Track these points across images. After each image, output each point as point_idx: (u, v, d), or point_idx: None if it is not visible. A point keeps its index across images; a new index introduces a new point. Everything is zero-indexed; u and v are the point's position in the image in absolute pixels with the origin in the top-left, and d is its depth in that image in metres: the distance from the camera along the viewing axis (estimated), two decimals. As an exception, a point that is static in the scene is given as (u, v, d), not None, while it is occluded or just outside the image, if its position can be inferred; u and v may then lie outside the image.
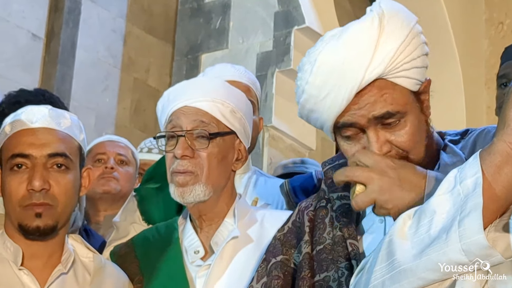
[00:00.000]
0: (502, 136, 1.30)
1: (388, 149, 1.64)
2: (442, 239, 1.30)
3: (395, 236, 1.39)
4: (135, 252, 2.19)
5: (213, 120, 2.08)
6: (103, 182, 3.38)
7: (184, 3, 5.76)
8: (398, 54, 1.62)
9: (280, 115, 5.10)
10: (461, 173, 1.35)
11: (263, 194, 2.69)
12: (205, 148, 2.05)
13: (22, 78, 4.57)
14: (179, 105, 2.08)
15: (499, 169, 1.30)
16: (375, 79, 1.62)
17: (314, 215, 1.80)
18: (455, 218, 1.30)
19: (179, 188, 2.06)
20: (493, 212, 1.31)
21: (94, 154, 3.47)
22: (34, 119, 1.97)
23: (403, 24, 1.65)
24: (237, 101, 2.15)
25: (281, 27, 5.22)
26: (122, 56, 5.36)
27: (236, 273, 2.03)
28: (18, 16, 4.70)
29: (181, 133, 2.06)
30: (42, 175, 1.92)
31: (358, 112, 1.64)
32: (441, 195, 1.36)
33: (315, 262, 1.72)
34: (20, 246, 1.94)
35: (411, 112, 1.66)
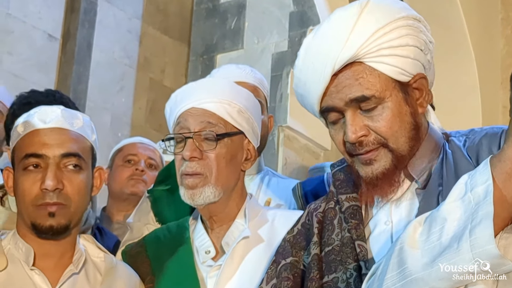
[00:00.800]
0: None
1: (364, 133, 1.67)
2: (453, 248, 1.30)
3: (406, 244, 1.39)
4: (146, 252, 2.19)
5: (221, 121, 2.08)
6: (133, 184, 3.39)
7: (200, 4, 5.77)
8: (374, 38, 1.66)
9: (295, 115, 5.10)
10: (472, 179, 1.34)
11: (276, 195, 2.69)
12: (213, 149, 2.06)
13: (38, 79, 4.60)
14: (187, 106, 2.09)
15: (510, 176, 1.30)
16: (353, 62, 1.67)
17: (323, 217, 1.81)
18: (466, 227, 1.30)
19: (189, 190, 2.06)
20: (504, 219, 1.31)
21: (125, 154, 3.48)
22: (47, 119, 1.98)
23: (384, 12, 1.69)
24: (244, 101, 2.14)
25: (296, 27, 5.22)
26: (137, 57, 5.39)
27: (247, 274, 2.03)
28: (35, 17, 4.72)
29: (189, 135, 2.06)
30: (55, 175, 1.93)
31: (336, 95, 1.68)
32: (452, 202, 1.35)
33: (323, 263, 1.73)
34: (32, 246, 1.95)
35: (391, 100, 1.68)
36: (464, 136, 1.78)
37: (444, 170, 1.71)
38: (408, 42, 1.69)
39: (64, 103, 2.40)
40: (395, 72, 1.69)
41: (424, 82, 1.74)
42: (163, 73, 5.59)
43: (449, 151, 1.73)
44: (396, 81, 1.69)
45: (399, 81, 1.70)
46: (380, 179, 1.69)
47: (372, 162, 1.69)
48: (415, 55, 1.71)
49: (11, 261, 1.93)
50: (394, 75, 1.69)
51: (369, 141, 1.68)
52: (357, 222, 1.72)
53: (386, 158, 1.69)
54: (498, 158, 1.32)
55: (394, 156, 1.69)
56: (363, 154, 1.69)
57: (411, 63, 1.70)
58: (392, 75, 1.68)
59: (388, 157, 1.69)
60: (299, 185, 2.48)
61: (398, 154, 1.68)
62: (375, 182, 1.70)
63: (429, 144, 1.75)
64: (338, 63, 1.67)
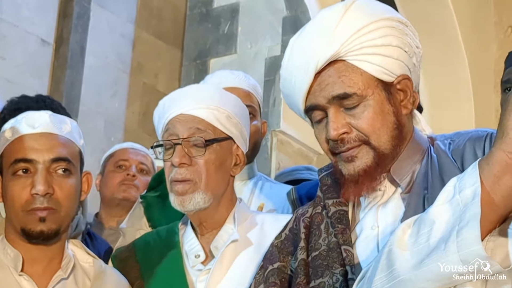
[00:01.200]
0: (501, 146, 1.30)
1: (346, 130, 1.69)
2: (441, 249, 1.31)
3: (394, 246, 1.39)
4: (136, 256, 2.19)
5: (209, 127, 2.08)
6: (124, 189, 3.39)
7: (193, 8, 5.78)
8: (357, 36, 1.68)
9: (288, 120, 5.11)
10: (460, 182, 1.35)
11: (269, 200, 2.69)
12: (202, 155, 2.06)
13: (31, 84, 4.60)
14: (175, 113, 2.08)
15: (497, 179, 1.30)
16: (335, 60, 1.68)
17: (310, 222, 1.81)
18: (454, 228, 1.30)
19: (178, 196, 2.06)
20: (492, 221, 1.31)
21: (116, 159, 3.49)
22: (35, 124, 1.98)
23: (369, 12, 1.71)
24: (232, 107, 2.14)
25: (289, 32, 5.23)
26: (131, 61, 5.39)
27: (236, 277, 2.03)
28: (28, 22, 4.72)
29: (178, 141, 2.06)
30: (46, 180, 1.93)
31: (319, 93, 1.70)
32: (441, 205, 1.36)
33: (310, 268, 1.73)
34: (20, 251, 1.95)
35: (374, 98, 1.69)
36: (448, 139, 1.79)
37: (429, 173, 1.71)
38: (392, 42, 1.71)
39: (54, 109, 2.40)
40: (378, 71, 1.70)
41: (408, 84, 1.75)
42: (157, 77, 5.59)
43: (434, 155, 1.74)
44: (379, 80, 1.71)
45: (382, 81, 1.71)
46: (362, 175, 1.70)
47: (354, 159, 1.70)
48: (398, 56, 1.72)
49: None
50: (377, 74, 1.70)
51: (351, 138, 1.69)
52: (343, 227, 1.72)
53: (368, 155, 1.70)
54: (486, 161, 1.33)
55: (376, 153, 1.70)
56: (345, 151, 1.70)
57: (394, 63, 1.72)
58: (375, 74, 1.70)
59: (369, 155, 1.70)
60: (294, 189, 2.49)
61: (380, 152, 1.69)
62: (357, 179, 1.70)
63: (413, 147, 1.76)
64: (321, 60, 1.69)
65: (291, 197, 2.45)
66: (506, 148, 1.29)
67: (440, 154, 1.74)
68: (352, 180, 1.71)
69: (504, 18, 6.78)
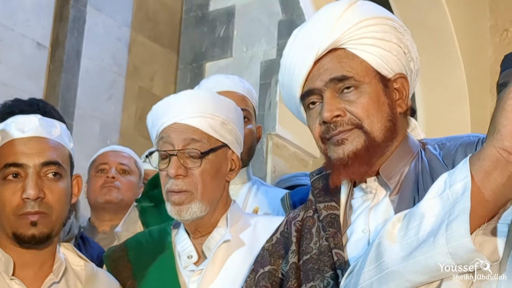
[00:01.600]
0: (492, 142, 1.31)
1: (340, 113, 1.71)
2: (430, 242, 1.31)
3: (384, 239, 1.41)
4: (128, 256, 2.19)
5: (204, 136, 2.07)
6: (105, 192, 3.40)
7: (189, 12, 5.78)
8: (358, 27, 1.73)
9: (284, 123, 5.11)
10: (451, 177, 1.36)
11: (264, 204, 2.70)
12: (198, 166, 2.05)
13: (27, 87, 4.60)
14: (169, 122, 2.08)
15: (488, 174, 1.31)
16: (336, 48, 1.73)
17: (302, 225, 1.82)
18: (443, 222, 1.31)
19: (175, 206, 2.06)
20: (481, 216, 1.32)
21: (97, 164, 3.49)
22: (25, 129, 1.98)
23: (372, 9, 1.78)
24: (226, 112, 2.14)
25: (285, 36, 5.23)
26: (127, 65, 5.39)
27: (229, 278, 2.04)
28: (24, 25, 4.72)
29: (173, 153, 2.06)
30: (36, 184, 1.92)
31: (317, 77, 1.73)
32: (431, 199, 1.37)
33: (301, 272, 1.73)
34: (12, 255, 1.94)
35: (370, 86, 1.73)
36: (440, 143, 1.80)
37: (420, 177, 1.72)
38: (392, 39, 1.76)
39: (47, 112, 2.40)
40: (377, 63, 1.74)
41: (405, 84, 1.79)
42: (152, 81, 5.59)
43: (425, 159, 1.75)
44: (377, 72, 1.75)
45: (380, 74, 1.75)
46: (351, 158, 1.71)
47: (344, 142, 1.71)
48: (397, 54, 1.76)
49: None
50: (376, 65, 1.74)
51: (344, 121, 1.71)
52: (335, 230, 1.73)
53: (359, 139, 1.71)
54: (477, 156, 1.33)
55: (368, 138, 1.71)
56: (336, 134, 1.72)
57: (393, 59, 1.76)
58: (374, 65, 1.74)
59: (361, 138, 1.71)
60: (288, 195, 2.49)
61: (371, 137, 1.71)
62: (346, 161, 1.71)
63: (404, 149, 1.77)
64: (322, 47, 1.73)
65: (285, 202, 2.45)
66: (497, 144, 1.30)
67: (432, 158, 1.75)
68: (341, 164, 1.72)
69: (500, 21, 6.79)
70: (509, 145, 1.28)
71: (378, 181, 1.77)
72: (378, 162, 1.75)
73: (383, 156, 1.75)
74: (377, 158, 1.73)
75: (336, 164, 1.73)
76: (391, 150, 1.75)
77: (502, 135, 1.29)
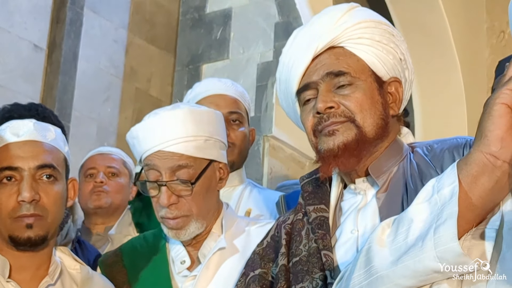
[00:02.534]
0: (479, 147, 1.32)
1: (333, 105, 1.74)
2: (418, 247, 1.32)
3: (373, 244, 1.41)
4: (123, 261, 2.20)
5: (190, 160, 2.06)
6: (94, 198, 3.39)
7: (186, 14, 5.79)
8: (358, 27, 1.78)
9: (281, 125, 5.12)
10: (439, 182, 1.37)
11: (257, 205, 2.70)
12: (190, 194, 2.05)
13: (24, 89, 4.60)
14: (153, 150, 2.06)
15: (475, 179, 1.31)
16: (334, 46, 1.78)
17: (291, 228, 1.83)
18: (431, 226, 1.32)
19: (173, 230, 2.08)
20: (469, 221, 1.33)
21: (85, 169, 3.47)
22: (20, 133, 1.99)
23: (373, 14, 1.83)
24: (208, 127, 2.11)
25: (282, 38, 5.24)
26: (124, 66, 5.39)
27: (222, 284, 2.05)
28: (20, 28, 4.72)
29: (162, 183, 2.05)
30: (32, 187, 1.94)
31: (314, 72, 1.78)
32: (419, 204, 1.38)
33: (291, 274, 1.75)
34: (8, 258, 1.95)
35: (365, 83, 1.77)
36: (428, 146, 1.82)
37: (409, 178, 1.74)
38: (389, 44, 1.80)
39: (46, 117, 2.41)
40: (373, 63, 1.78)
41: (399, 88, 1.83)
42: (149, 82, 5.59)
43: (414, 162, 1.78)
44: (373, 72, 1.79)
45: (376, 74, 1.79)
46: (341, 149, 1.73)
47: (335, 133, 1.74)
48: (394, 58, 1.81)
49: None
50: (372, 65, 1.78)
51: (337, 113, 1.74)
52: (324, 232, 1.75)
53: (350, 131, 1.74)
54: (464, 161, 1.34)
55: (359, 132, 1.74)
56: (328, 125, 1.74)
57: (389, 62, 1.80)
58: (370, 65, 1.78)
59: (352, 131, 1.74)
60: (283, 199, 2.49)
61: (362, 132, 1.74)
62: (336, 152, 1.74)
63: (394, 150, 1.80)
64: (321, 44, 1.77)
65: (280, 206, 2.46)
66: (484, 149, 1.31)
67: (421, 160, 1.78)
68: (331, 155, 1.74)
69: (497, 23, 6.80)
70: (496, 150, 1.29)
71: (367, 181, 1.80)
72: (367, 161, 1.78)
73: (372, 155, 1.78)
74: (366, 153, 1.76)
75: (326, 155, 1.75)
76: (380, 150, 1.78)
77: (488, 140, 1.30)
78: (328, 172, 1.77)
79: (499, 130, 1.29)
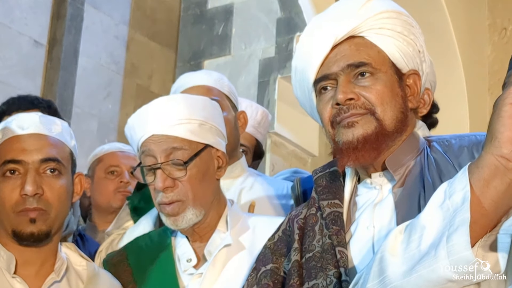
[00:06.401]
0: (490, 149, 1.30)
1: (354, 96, 1.70)
2: (431, 255, 1.30)
3: (386, 252, 1.39)
4: (127, 260, 2.18)
5: (184, 143, 2.05)
6: (120, 197, 3.33)
7: (187, 10, 5.77)
8: (380, 17, 1.74)
9: (283, 121, 5.10)
10: (451, 187, 1.35)
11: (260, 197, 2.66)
12: (184, 175, 2.04)
13: (24, 85, 4.58)
14: (147, 134, 2.06)
15: (487, 182, 1.29)
16: (354, 36, 1.73)
17: (304, 223, 1.80)
18: (444, 234, 1.30)
19: (170, 217, 2.05)
20: (482, 226, 1.30)
21: (107, 165, 3.42)
22: (25, 126, 1.97)
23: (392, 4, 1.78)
24: (202, 112, 2.11)
25: (283, 33, 5.23)
26: (124, 63, 5.37)
27: (229, 281, 2.03)
28: (21, 23, 4.71)
29: (157, 166, 2.04)
30: (35, 180, 1.92)
31: (334, 63, 1.73)
32: (431, 210, 1.36)
33: (304, 270, 1.72)
34: (13, 253, 1.94)
35: (385, 75, 1.73)
36: (445, 141, 1.79)
37: (427, 173, 1.71)
38: (410, 36, 1.76)
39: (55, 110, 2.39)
40: (394, 54, 1.75)
41: (417, 81, 1.79)
42: (150, 79, 5.58)
43: (432, 156, 1.74)
44: (393, 64, 1.75)
45: (396, 66, 1.75)
46: (361, 142, 1.70)
47: (354, 125, 1.70)
48: (413, 51, 1.77)
49: None
50: (393, 56, 1.75)
51: (357, 105, 1.70)
52: (338, 228, 1.72)
53: (370, 124, 1.70)
54: (476, 164, 1.32)
55: (379, 125, 1.70)
56: (348, 117, 1.71)
57: (409, 54, 1.76)
58: (391, 56, 1.75)
59: (372, 124, 1.70)
60: (299, 182, 2.46)
61: (382, 124, 1.70)
62: (355, 145, 1.70)
63: (411, 143, 1.77)
64: (342, 32, 1.73)
65: (296, 190, 2.42)
66: (495, 152, 1.29)
67: (438, 155, 1.74)
68: (350, 147, 1.70)
69: (498, 20, 6.78)
70: (507, 152, 1.27)
71: (384, 176, 1.76)
72: (384, 155, 1.74)
73: (390, 149, 1.74)
74: (385, 146, 1.72)
75: (345, 147, 1.71)
76: (397, 143, 1.75)
77: (499, 142, 1.28)
78: (347, 164, 1.73)
79: (509, 132, 1.27)
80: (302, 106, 1.90)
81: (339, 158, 1.73)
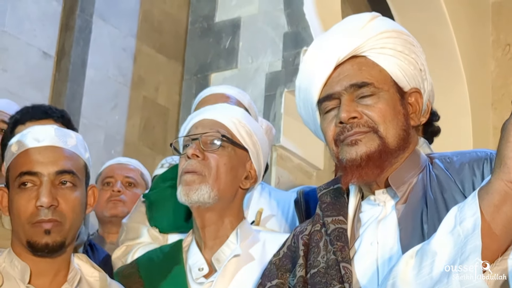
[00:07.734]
0: (499, 175, 1.30)
1: (357, 115, 1.74)
2: (444, 283, 1.30)
3: (398, 279, 1.39)
4: (139, 273, 2.21)
5: (229, 132, 2.16)
6: (111, 206, 3.40)
7: (194, 23, 5.80)
8: (381, 37, 1.77)
9: (289, 135, 5.12)
10: (461, 212, 1.35)
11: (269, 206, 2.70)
12: (216, 150, 2.13)
13: (32, 96, 4.60)
14: (198, 119, 2.19)
15: (497, 208, 1.30)
16: (357, 55, 1.76)
17: (309, 239, 1.83)
18: (456, 261, 1.30)
19: (185, 186, 2.11)
20: (494, 251, 1.31)
21: (103, 177, 3.50)
22: (40, 138, 1.99)
23: (394, 24, 1.83)
24: (253, 125, 2.22)
25: (290, 48, 5.25)
26: (132, 75, 5.40)
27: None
28: (30, 35, 4.73)
29: (196, 137, 2.14)
30: (50, 192, 1.94)
31: (337, 82, 1.77)
32: (442, 236, 1.36)
33: (309, 285, 1.74)
34: (28, 264, 1.96)
35: (388, 93, 1.76)
36: (447, 158, 1.82)
37: (429, 190, 1.73)
38: (411, 54, 1.80)
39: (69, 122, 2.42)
40: (395, 73, 1.78)
41: (419, 99, 1.82)
42: (157, 91, 5.60)
43: (434, 173, 1.77)
44: (395, 83, 1.78)
45: (398, 85, 1.78)
46: (364, 160, 1.73)
47: (358, 143, 1.73)
48: (414, 69, 1.80)
49: (6, 278, 1.93)
50: (394, 75, 1.78)
51: (360, 123, 1.74)
52: (342, 244, 1.74)
53: (373, 142, 1.73)
54: (485, 190, 1.33)
55: (382, 143, 1.73)
56: (351, 135, 1.74)
57: (411, 73, 1.79)
58: (392, 75, 1.78)
59: (375, 142, 1.73)
60: (301, 194, 2.49)
61: (385, 142, 1.73)
62: (359, 162, 1.73)
63: (413, 160, 1.79)
64: (344, 52, 1.77)
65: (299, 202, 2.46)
66: (504, 177, 1.29)
67: (440, 172, 1.77)
68: (354, 165, 1.73)
69: (502, 36, 6.81)
70: None
71: (387, 193, 1.79)
72: (387, 172, 1.77)
73: (392, 166, 1.77)
74: (388, 164, 1.75)
75: (348, 165, 1.74)
76: (400, 160, 1.77)
77: (508, 167, 1.29)
78: (351, 182, 1.76)
79: None
80: (306, 125, 1.94)
81: (343, 176, 1.76)
